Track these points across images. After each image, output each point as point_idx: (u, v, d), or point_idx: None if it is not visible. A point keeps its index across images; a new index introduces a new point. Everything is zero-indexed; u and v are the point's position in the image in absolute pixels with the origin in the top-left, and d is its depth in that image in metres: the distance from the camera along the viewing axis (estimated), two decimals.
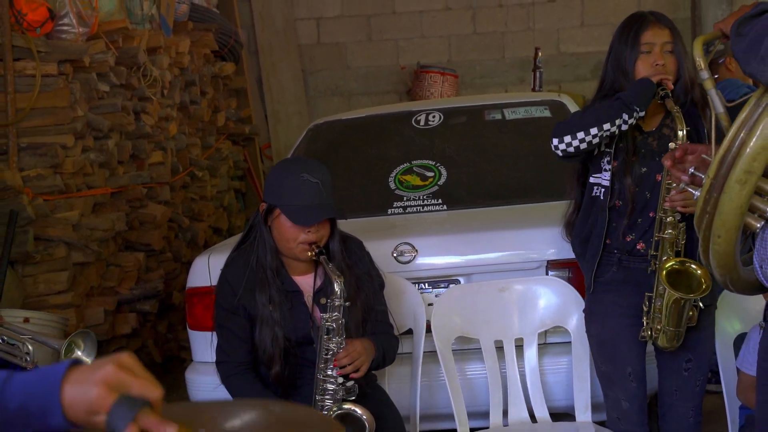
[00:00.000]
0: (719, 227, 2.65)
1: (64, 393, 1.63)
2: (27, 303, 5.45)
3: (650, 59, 3.84)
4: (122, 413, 1.59)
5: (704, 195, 2.68)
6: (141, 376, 1.66)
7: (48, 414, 1.64)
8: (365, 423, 3.55)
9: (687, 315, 3.78)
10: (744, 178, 2.55)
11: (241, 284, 3.77)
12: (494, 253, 4.63)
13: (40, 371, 1.69)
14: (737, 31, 2.53)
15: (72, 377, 1.65)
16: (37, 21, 5.66)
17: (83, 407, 1.62)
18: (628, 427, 4.01)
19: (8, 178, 5.41)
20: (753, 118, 2.55)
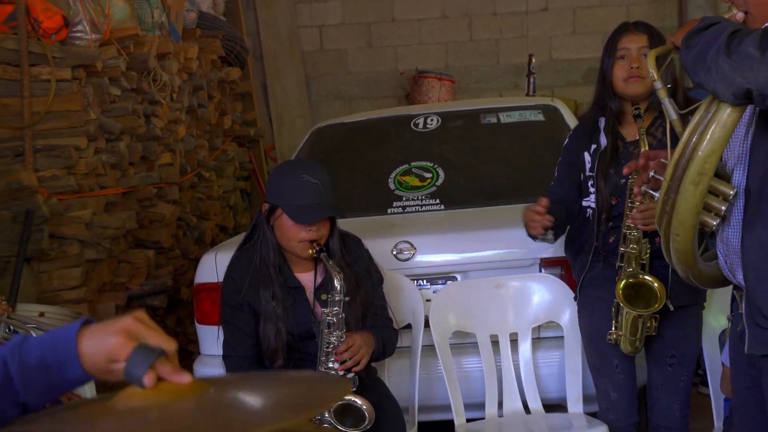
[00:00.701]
0: (677, 226, 2.75)
1: (81, 345, 1.66)
2: (42, 298, 5.45)
3: (626, 63, 3.86)
4: (141, 360, 1.62)
5: (662, 197, 2.77)
6: (157, 329, 1.69)
7: (66, 365, 1.66)
8: (365, 413, 3.55)
9: (645, 325, 3.82)
10: (697, 180, 2.65)
11: (246, 281, 3.78)
12: (490, 251, 4.64)
13: (55, 330, 1.72)
14: (686, 44, 2.61)
15: (88, 331, 1.68)
16: (52, 28, 5.66)
17: (102, 355, 1.65)
18: (617, 417, 4.02)
19: (24, 178, 5.40)
20: (703, 123, 2.64)
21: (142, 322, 1.68)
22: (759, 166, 2.73)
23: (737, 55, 2.43)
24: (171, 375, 1.62)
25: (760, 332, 2.77)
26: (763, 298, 2.73)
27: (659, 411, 3.98)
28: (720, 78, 2.48)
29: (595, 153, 3.92)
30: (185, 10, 8.26)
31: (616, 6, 10.50)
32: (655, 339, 3.91)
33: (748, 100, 2.49)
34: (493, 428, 4.18)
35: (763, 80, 2.40)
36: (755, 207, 2.74)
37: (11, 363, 1.67)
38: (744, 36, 2.46)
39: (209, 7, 9.25)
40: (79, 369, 1.66)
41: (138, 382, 1.61)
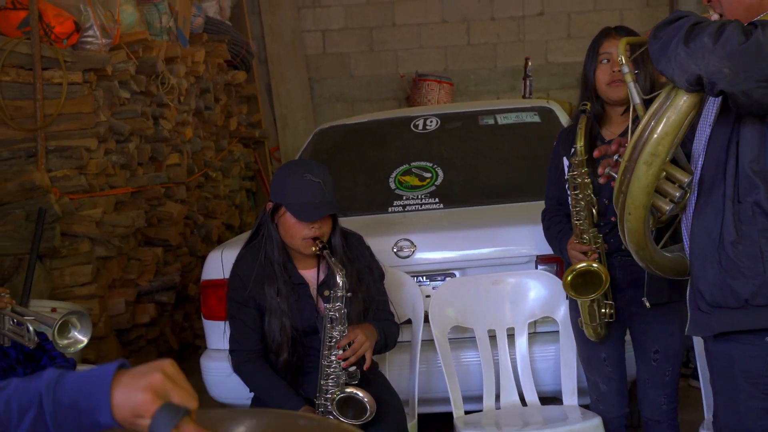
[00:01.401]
0: (630, 205, 2.83)
1: (113, 394, 1.65)
2: (54, 294, 5.46)
3: (608, 67, 3.86)
4: (165, 420, 1.61)
5: (620, 177, 2.86)
6: (182, 386, 1.67)
7: (97, 412, 1.65)
8: (367, 406, 3.55)
9: (600, 311, 3.85)
10: (650, 160, 2.74)
11: (251, 278, 3.77)
12: (487, 248, 4.63)
13: (92, 371, 1.70)
14: (654, 35, 2.72)
15: (122, 380, 1.66)
16: (64, 33, 5.67)
17: (129, 410, 1.64)
18: (606, 408, 4.03)
19: (37, 178, 5.42)
20: (662, 109, 2.74)
21: (170, 378, 1.67)
22: (713, 158, 2.81)
23: (693, 43, 2.55)
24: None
25: (700, 315, 2.88)
26: (705, 282, 2.82)
27: (647, 404, 3.99)
28: (677, 65, 2.59)
29: (573, 156, 3.93)
30: (192, 15, 8.27)
31: (609, 11, 10.50)
32: (640, 335, 3.93)
33: (700, 86, 2.59)
34: (491, 420, 4.18)
35: (712, 68, 2.51)
36: (706, 196, 2.82)
37: (45, 400, 1.66)
38: (704, 28, 2.57)
39: (216, 12, 9.26)
40: (109, 417, 1.65)
41: None
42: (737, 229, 2.74)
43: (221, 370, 4.41)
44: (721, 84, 2.52)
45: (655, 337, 3.88)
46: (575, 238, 3.83)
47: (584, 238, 3.79)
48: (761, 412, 2.84)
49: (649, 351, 3.91)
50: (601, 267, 3.73)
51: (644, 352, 3.93)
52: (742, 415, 2.87)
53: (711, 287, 2.81)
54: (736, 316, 2.80)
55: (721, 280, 2.78)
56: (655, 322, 3.87)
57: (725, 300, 2.79)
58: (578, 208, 3.78)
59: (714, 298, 2.81)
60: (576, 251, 3.81)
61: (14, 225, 5.40)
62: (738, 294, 2.76)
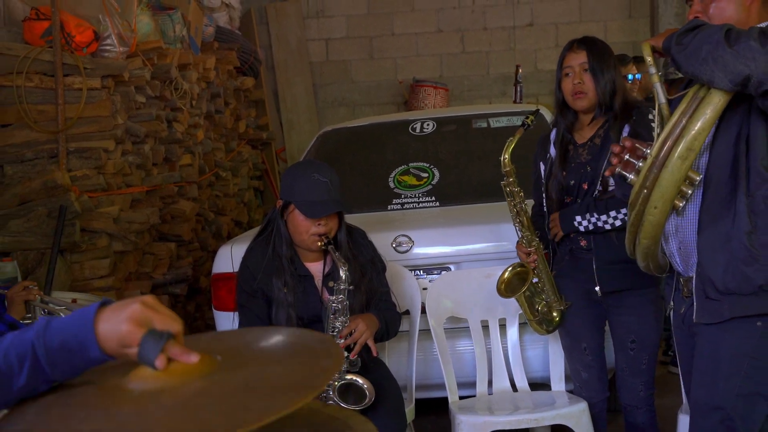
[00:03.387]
0: (657, 199, 2.81)
1: (98, 329, 1.66)
2: (74, 286, 5.45)
3: (570, 80, 3.90)
4: (151, 346, 1.62)
5: (645, 172, 2.83)
6: (163, 313, 1.68)
7: (86, 348, 1.67)
8: (366, 392, 3.55)
9: (542, 311, 3.99)
10: (686, 155, 2.73)
11: (260, 270, 3.78)
12: (480, 243, 4.64)
13: (75, 313, 1.71)
14: (677, 41, 2.73)
15: (103, 316, 1.67)
16: (84, 42, 5.66)
17: (116, 341, 1.65)
18: (589, 394, 4.06)
19: (58, 177, 5.41)
20: (692, 107, 2.74)
21: (149, 306, 1.68)
22: (721, 155, 2.84)
23: (738, 46, 2.57)
24: (180, 356, 1.63)
25: (709, 303, 2.90)
26: (715, 271, 2.85)
27: (626, 391, 4.01)
28: (719, 66, 2.59)
29: (547, 162, 3.98)
30: (204, 24, 8.27)
31: (594, 22, 10.50)
32: (618, 325, 3.97)
33: (743, 86, 2.60)
34: (484, 405, 4.19)
35: (764, 68, 2.54)
36: (714, 191, 2.85)
37: (37, 346, 1.68)
38: (740, 32, 2.61)
39: (226, 22, 9.25)
40: (98, 351, 1.66)
41: (151, 365, 1.62)
42: (752, 221, 2.78)
43: None
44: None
45: (631, 327, 3.91)
46: (519, 240, 3.93)
47: (524, 240, 3.94)
48: (737, 389, 2.88)
49: (626, 341, 3.93)
50: (522, 268, 3.91)
51: (622, 341, 3.95)
52: (719, 392, 2.91)
53: (723, 275, 2.84)
54: (749, 301, 2.83)
55: (735, 268, 2.81)
56: (630, 313, 3.90)
57: (738, 287, 2.82)
58: (512, 213, 3.88)
59: (726, 286, 2.84)
60: (521, 252, 3.98)
61: (37, 221, 5.40)
62: (752, 280, 2.80)
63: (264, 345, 1.84)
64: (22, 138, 5.56)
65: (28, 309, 3.91)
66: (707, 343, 2.95)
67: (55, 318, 1.72)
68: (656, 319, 3.94)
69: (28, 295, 3.90)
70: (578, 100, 3.88)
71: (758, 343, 2.85)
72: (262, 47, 10.36)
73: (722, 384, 2.90)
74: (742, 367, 2.87)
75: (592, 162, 3.85)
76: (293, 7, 10.68)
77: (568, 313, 4.01)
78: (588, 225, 3.78)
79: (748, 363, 2.86)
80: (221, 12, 9.19)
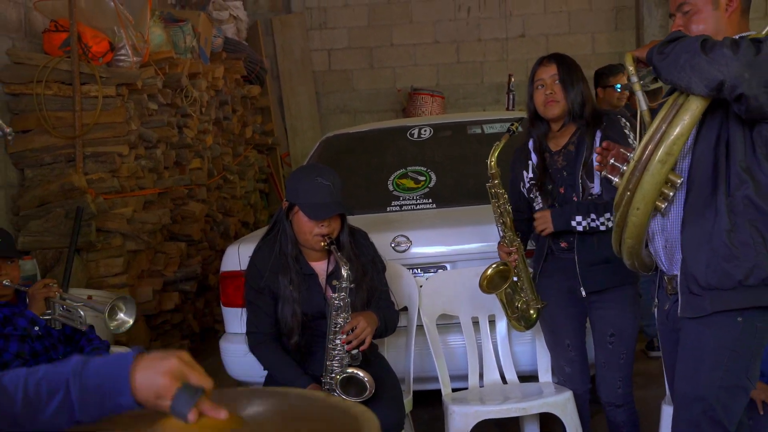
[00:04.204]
0: (639, 201, 2.84)
1: (134, 378, 1.66)
2: (90, 283, 5.48)
3: (542, 91, 3.96)
4: (185, 400, 1.64)
5: (628, 175, 2.86)
6: (197, 369, 1.70)
7: (120, 394, 1.67)
8: (367, 384, 3.56)
9: (516, 305, 4.03)
10: (665, 159, 2.76)
11: (267, 268, 3.78)
12: (475, 244, 4.64)
13: (113, 357, 1.72)
14: (659, 50, 2.77)
15: (141, 365, 1.68)
16: (99, 52, 5.69)
17: (151, 392, 1.66)
18: (573, 386, 4.09)
19: (75, 180, 5.44)
20: (672, 113, 2.78)
21: (185, 363, 1.69)
22: (702, 158, 2.87)
23: (713, 54, 2.62)
24: (210, 411, 1.65)
25: (692, 298, 2.92)
26: (698, 268, 2.87)
27: (605, 388, 4.01)
28: (696, 73, 2.64)
29: (530, 169, 4.03)
30: (213, 36, 8.29)
31: (582, 33, 10.51)
32: (598, 320, 3.98)
33: (718, 91, 2.64)
34: (475, 396, 4.20)
35: (735, 73, 2.58)
36: (697, 192, 2.88)
37: (72, 384, 1.68)
38: (715, 42, 2.66)
39: (233, 33, 9.27)
40: (130, 399, 1.67)
41: (183, 418, 1.63)
42: (731, 220, 2.81)
43: (238, 351, 4.43)
44: (742, 87, 2.60)
45: (610, 321, 3.94)
46: (501, 240, 3.94)
47: (505, 240, 3.95)
48: (719, 381, 2.89)
49: (605, 334, 3.95)
50: (505, 266, 3.93)
51: (602, 336, 3.97)
52: (700, 384, 2.92)
53: (705, 271, 2.86)
54: (729, 296, 2.86)
55: (716, 265, 2.84)
56: (609, 307, 3.93)
57: (719, 282, 2.85)
58: (496, 214, 3.91)
59: (708, 281, 2.86)
60: (502, 251, 3.99)
61: (55, 222, 5.42)
62: (732, 276, 2.83)
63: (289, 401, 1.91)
64: (41, 143, 5.59)
65: (47, 305, 3.93)
66: (690, 337, 2.96)
67: (93, 359, 1.72)
68: (633, 313, 3.96)
69: (48, 293, 3.92)
70: (550, 108, 3.93)
71: (739, 337, 2.87)
72: (267, 57, 10.38)
73: (705, 376, 2.91)
74: (724, 360, 2.88)
75: (567, 167, 3.91)
76: (297, 20, 10.69)
77: (552, 311, 4.03)
78: (587, 225, 3.80)
79: (729, 356, 2.88)
80: (229, 24, 9.21)
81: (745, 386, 2.93)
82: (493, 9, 10.67)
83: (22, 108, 5.58)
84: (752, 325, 2.88)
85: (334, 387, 3.57)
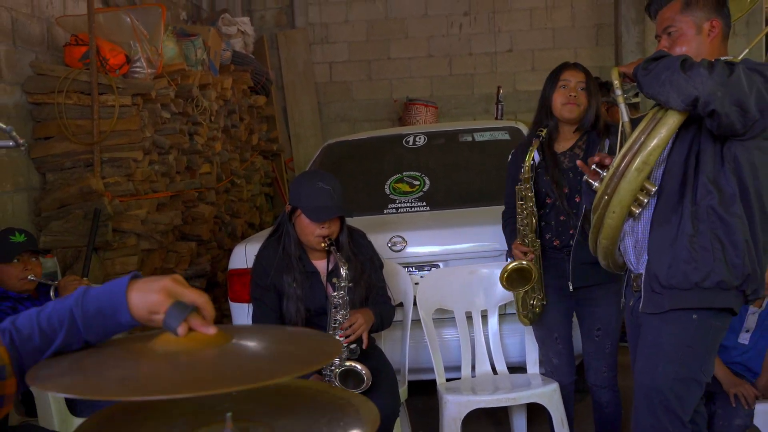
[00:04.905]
0: (616, 205, 2.88)
1: (130, 297, 1.72)
2: (106, 279, 5.43)
3: (566, 91, 3.89)
4: (176, 314, 1.67)
5: (606, 181, 2.90)
6: (189, 288, 1.74)
7: (118, 313, 1.73)
8: (364, 377, 3.57)
9: (531, 304, 4.00)
10: (641, 167, 2.80)
11: (272, 267, 3.78)
12: (466, 244, 4.65)
13: (110, 282, 1.77)
14: (644, 67, 2.80)
15: (135, 286, 1.73)
16: (116, 64, 5.68)
17: (146, 308, 1.71)
18: (559, 378, 4.10)
19: (93, 184, 5.43)
20: (650, 126, 2.81)
21: (178, 282, 1.73)
22: (674, 169, 2.91)
23: (690, 72, 2.65)
24: (200, 327, 1.68)
25: (653, 296, 2.97)
26: (660, 268, 2.91)
27: (592, 373, 4.06)
28: (674, 89, 2.67)
29: (533, 167, 3.96)
30: (222, 49, 8.28)
31: (566, 48, 10.51)
32: (585, 316, 4.02)
33: (693, 107, 2.67)
34: (468, 386, 4.20)
35: (709, 90, 2.62)
36: (666, 199, 2.92)
37: (76, 310, 1.74)
38: (693, 62, 2.70)
39: (241, 47, 9.26)
40: (128, 316, 1.72)
41: (173, 332, 1.66)
42: (694, 226, 2.84)
43: None
44: (714, 104, 2.63)
45: (597, 317, 3.96)
46: (519, 239, 3.90)
47: (525, 241, 3.90)
48: (674, 374, 2.94)
49: (592, 329, 3.98)
50: (531, 265, 3.85)
51: (588, 330, 4.00)
52: (658, 377, 2.97)
53: (667, 272, 2.90)
54: (686, 296, 2.90)
55: (677, 267, 2.87)
56: (596, 305, 3.95)
57: (679, 283, 2.89)
58: (522, 215, 3.88)
59: (669, 281, 2.90)
60: (518, 251, 3.93)
61: (74, 222, 5.41)
62: (690, 278, 2.86)
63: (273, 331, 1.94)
64: (61, 149, 5.58)
65: None
66: (650, 332, 3.01)
67: (92, 287, 1.79)
68: (618, 309, 3.97)
69: (80, 284, 3.92)
70: (569, 109, 3.88)
71: (694, 333, 2.92)
72: (273, 69, 10.37)
73: (661, 369, 2.96)
74: (680, 355, 2.93)
75: (574, 168, 3.88)
76: (301, 35, 10.69)
77: (545, 306, 4.04)
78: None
79: (685, 351, 2.93)
80: (237, 38, 9.19)
81: (699, 379, 2.98)
82: (483, 25, 10.68)
83: (44, 116, 5.56)
84: (707, 323, 2.93)
85: (334, 379, 3.57)
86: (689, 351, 2.93)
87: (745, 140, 2.78)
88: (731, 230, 2.82)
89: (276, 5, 10.81)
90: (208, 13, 9.79)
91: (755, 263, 2.86)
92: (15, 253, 3.90)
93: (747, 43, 6.96)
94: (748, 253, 2.84)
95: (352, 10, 10.74)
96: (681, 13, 2.98)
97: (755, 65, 2.76)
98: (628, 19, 9.83)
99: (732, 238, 2.83)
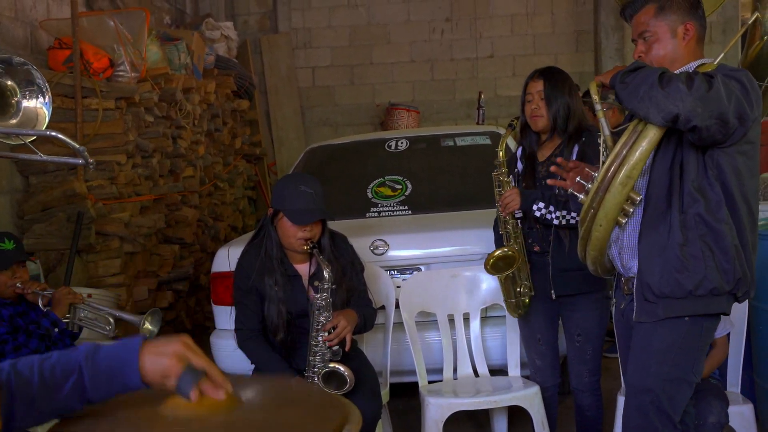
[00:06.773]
0: (602, 218, 2.86)
1: (142, 360, 1.72)
2: (89, 282, 5.43)
3: (530, 105, 3.98)
4: (188, 379, 1.69)
5: (592, 194, 2.89)
6: (199, 353, 1.76)
7: (128, 375, 1.72)
8: (347, 378, 3.56)
9: (516, 292, 3.97)
10: (625, 182, 2.79)
11: (254, 270, 3.77)
12: (448, 247, 4.65)
13: (121, 343, 1.77)
14: (621, 80, 2.77)
15: (148, 348, 1.74)
16: (100, 68, 5.66)
17: (158, 373, 1.72)
18: (543, 379, 4.09)
19: (76, 187, 5.40)
20: (632, 139, 2.79)
21: (188, 347, 1.76)
22: (659, 179, 2.90)
23: (668, 88, 2.62)
24: (211, 391, 1.71)
25: (647, 305, 2.96)
26: (652, 277, 2.90)
27: (574, 376, 4.06)
28: (653, 105, 2.65)
29: (515, 176, 4.02)
30: (205, 53, 8.26)
31: (546, 54, 10.53)
32: (567, 320, 4.01)
33: (674, 123, 2.66)
34: (450, 388, 4.19)
35: (690, 107, 2.60)
36: (654, 209, 2.91)
37: (85, 368, 1.73)
38: (674, 76, 2.67)
39: (224, 51, 9.24)
40: (137, 379, 1.72)
41: (186, 397, 1.69)
42: (684, 235, 2.84)
43: (228, 346, 4.40)
44: (695, 120, 2.62)
45: (577, 323, 3.97)
46: (501, 228, 3.95)
47: (508, 228, 3.89)
48: (665, 375, 2.94)
49: (573, 334, 3.98)
50: (513, 250, 3.83)
51: (570, 335, 4.01)
52: (649, 377, 2.97)
53: (659, 281, 2.89)
54: (680, 304, 2.89)
55: (669, 275, 2.86)
56: (578, 311, 3.95)
57: (672, 291, 2.88)
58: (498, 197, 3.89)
59: (662, 290, 2.89)
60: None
61: (58, 225, 5.38)
62: (683, 286, 2.86)
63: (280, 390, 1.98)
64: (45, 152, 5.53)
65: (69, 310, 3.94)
66: (642, 335, 3.01)
67: (104, 345, 1.78)
68: (601, 317, 3.97)
69: (74, 299, 3.94)
70: (534, 122, 3.96)
71: (685, 335, 2.92)
72: (256, 74, 10.34)
73: (653, 370, 2.96)
74: (670, 356, 2.93)
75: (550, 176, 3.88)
76: (284, 39, 10.67)
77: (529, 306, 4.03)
78: (543, 214, 3.80)
79: (676, 353, 2.93)
80: (221, 43, 9.17)
81: (689, 380, 2.98)
82: (464, 31, 10.69)
83: None
84: (699, 325, 2.93)
85: (317, 381, 3.55)
86: (680, 353, 2.93)
87: (726, 147, 2.78)
88: (720, 237, 2.83)
89: (259, 10, 10.79)
90: (191, 17, 9.77)
91: (745, 266, 2.87)
92: (8, 264, 3.86)
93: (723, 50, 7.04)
94: (737, 257, 2.85)
95: (335, 15, 10.73)
96: (655, 17, 2.98)
97: (731, 72, 2.75)
98: (607, 26, 9.87)
99: (721, 244, 2.83)
